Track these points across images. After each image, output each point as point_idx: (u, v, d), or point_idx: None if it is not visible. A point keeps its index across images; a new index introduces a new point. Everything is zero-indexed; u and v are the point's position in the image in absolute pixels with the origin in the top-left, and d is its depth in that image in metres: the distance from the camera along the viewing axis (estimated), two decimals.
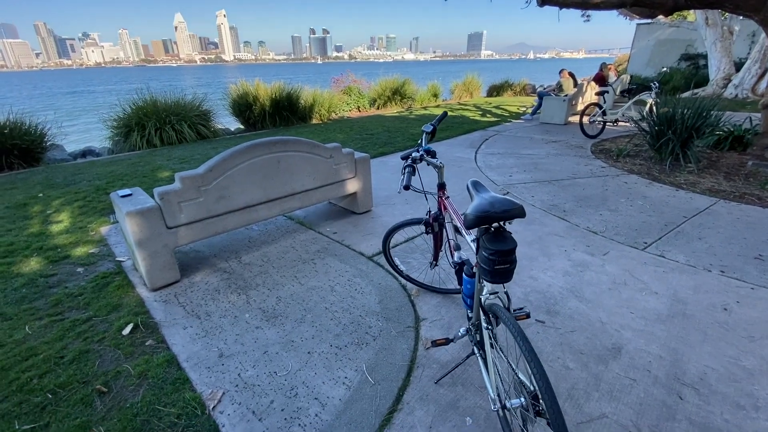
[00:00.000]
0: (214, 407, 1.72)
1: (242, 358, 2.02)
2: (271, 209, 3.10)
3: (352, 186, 3.67)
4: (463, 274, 1.60)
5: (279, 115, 9.16)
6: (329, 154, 3.37)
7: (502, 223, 1.22)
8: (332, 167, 3.43)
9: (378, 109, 11.92)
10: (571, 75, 9.44)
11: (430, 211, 2.10)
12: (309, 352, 2.04)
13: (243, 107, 8.99)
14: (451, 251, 1.84)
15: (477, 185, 1.41)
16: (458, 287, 2.44)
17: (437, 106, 12.44)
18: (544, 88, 14.59)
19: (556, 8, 6.51)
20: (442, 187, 1.95)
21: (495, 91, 15.70)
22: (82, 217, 3.97)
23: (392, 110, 11.73)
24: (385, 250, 2.50)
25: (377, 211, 3.94)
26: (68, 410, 1.73)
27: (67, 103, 32.08)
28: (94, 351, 2.09)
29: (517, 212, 1.19)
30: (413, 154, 1.83)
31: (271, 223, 3.71)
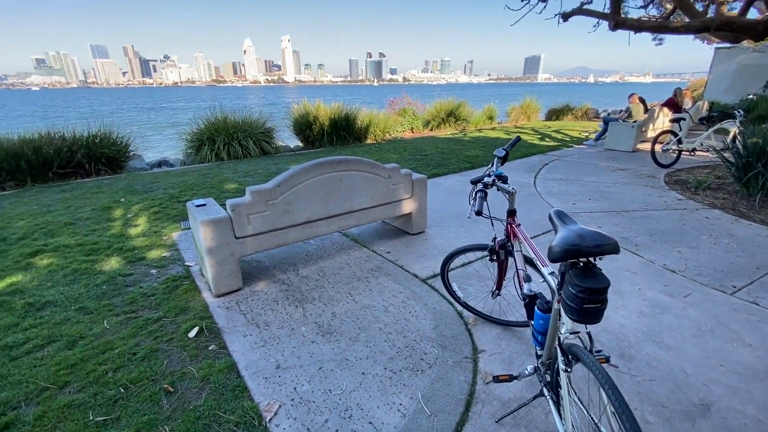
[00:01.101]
0: (270, 419, 1.73)
1: (298, 371, 2.03)
2: (330, 225, 3.17)
3: (408, 206, 3.66)
4: (536, 308, 1.49)
5: (336, 135, 9.50)
6: (388, 174, 3.40)
7: (592, 258, 1.13)
8: (390, 187, 3.45)
9: (432, 130, 11.99)
10: (641, 100, 8.89)
11: (495, 238, 2.01)
12: (363, 373, 2.01)
13: (303, 126, 9.44)
14: (520, 282, 1.74)
15: (562, 215, 1.32)
16: (522, 320, 2.31)
17: (493, 129, 12.26)
18: (609, 113, 13.87)
19: (627, 32, 6.22)
20: (512, 213, 1.87)
21: (554, 114, 15.19)
22: (156, 222, 4.31)
23: (446, 132, 11.73)
24: (444, 275, 2.43)
25: (431, 232, 3.89)
26: (138, 406, 1.83)
27: (148, 117, 35.80)
28: (163, 350, 2.21)
29: (610, 248, 1.09)
30: (485, 179, 1.78)
31: (328, 238, 3.78)
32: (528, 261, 1.87)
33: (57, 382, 1.97)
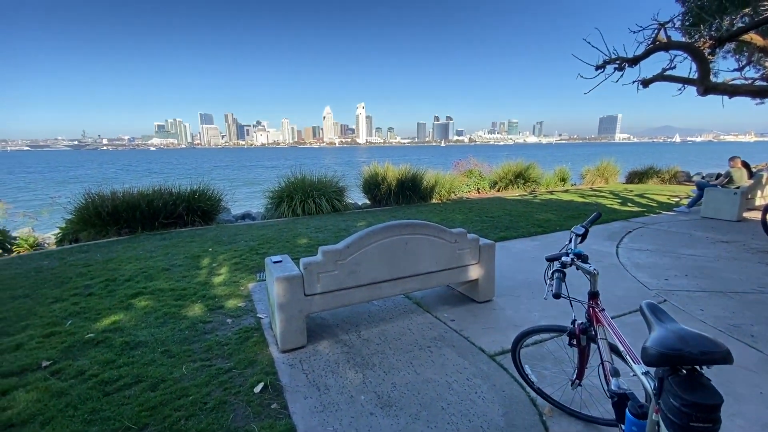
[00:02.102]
0: None
1: None
2: (394, 288, 3.17)
3: (475, 272, 3.55)
4: (627, 411, 1.30)
5: (402, 194, 9.82)
6: (454, 239, 3.38)
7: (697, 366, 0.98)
8: (456, 252, 3.41)
9: (499, 191, 11.83)
10: (745, 165, 7.97)
11: (575, 321, 1.85)
12: None
13: (372, 186, 9.94)
14: (606, 376, 1.54)
15: (656, 311, 1.19)
16: (609, 418, 2.01)
17: (565, 191, 11.73)
18: (704, 177, 12.60)
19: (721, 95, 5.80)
20: (594, 296, 1.72)
21: (636, 177, 14.16)
22: (236, 272, 4.68)
23: (514, 193, 11.49)
24: (515, 355, 2.25)
25: (499, 302, 3.68)
26: None
27: (238, 174, 40.50)
28: (230, 403, 2.29)
29: (721, 357, 0.93)
30: (563, 258, 1.69)
31: (391, 300, 3.77)
32: (614, 349, 1.67)
33: (138, 423, 2.12)
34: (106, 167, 60.51)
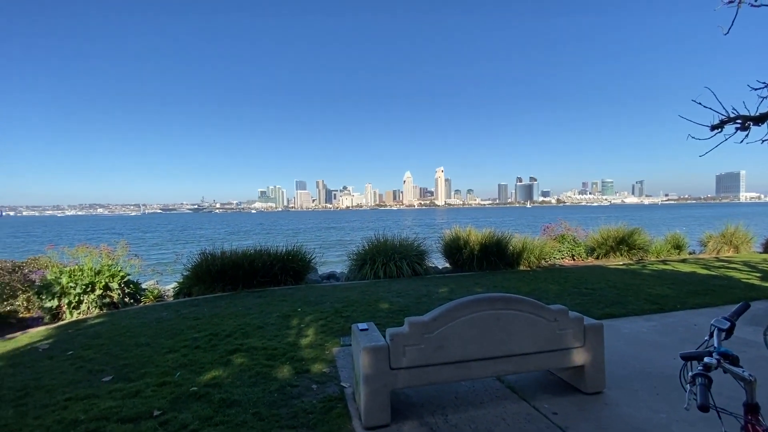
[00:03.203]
0: None
1: None
2: (485, 368, 2.92)
3: (579, 357, 3.12)
4: None
5: (486, 259, 9.42)
6: (554, 317, 3.06)
7: None
8: (555, 332, 3.06)
9: (598, 259, 10.69)
10: None
11: None
12: None
13: (453, 250, 9.76)
14: None
15: None
16: None
17: (683, 261, 10.11)
18: None
19: None
20: (753, 409, 1.36)
21: None
22: (322, 335, 4.78)
23: (616, 261, 10.26)
24: None
25: (612, 395, 3.13)
26: None
27: (325, 235, 43.32)
28: None
29: None
30: (705, 359, 1.40)
31: (480, 382, 3.45)
32: None
33: None
34: (218, 227, 69.64)
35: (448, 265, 10.37)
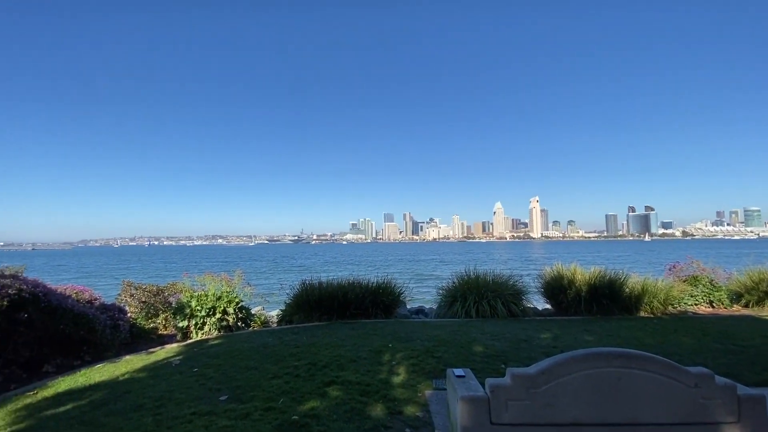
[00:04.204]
0: None
1: None
2: None
3: None
4: None
5: (597, 302, 8.37)
6: (693, 382, 2.54)
7: None
8: (698, 401, 2.52)
9: (747, 307, 8.71)
10: None
11: None
12: None
13: (556, 290, 8.90)
14: None
15: None
16: None
17: None
18: None
19: None
20: None
21: None
22: (413, 374, 4.68)
23: None
24: None
25: None
26: None
27: (413, 267, 43.39)
28: None
29: None
30: None
31: None
32: None
33: None
34: (314, 258, 75.01)
35: (549, 306, 9.48)
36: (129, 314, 7.60)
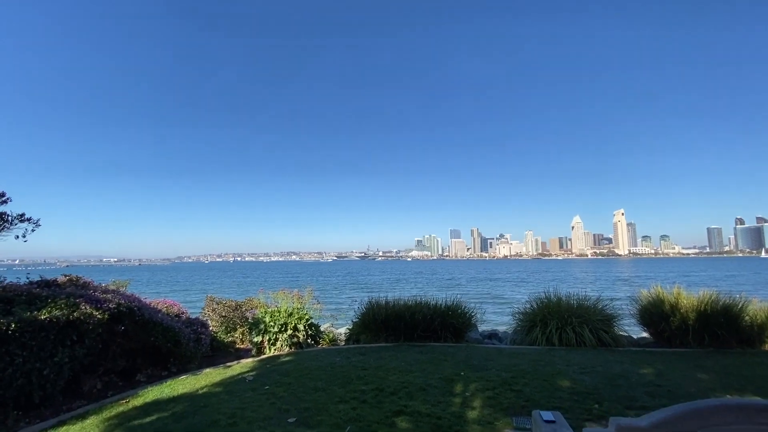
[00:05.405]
0: None
1: None
2: None
3: None
4: None
5: (708, 332, 7.04)
6: None
7: None
8: None
9: None
10: None
11: None
12: None
13: (655, 316, 7.69)
14: None
15: None
16: None
17: None
18: None
19: None
20: None
21: None
22: (490, 409, 4.23)
23: None
24: None
25: None
26: None
27: (484, 287, 41.33)
28: None
29: None
30: None
31: None
32: None
33: None
34: (380, 275, 75.57)
35: (646, 335, 8.25)
36: (210, 327, 8.13)
